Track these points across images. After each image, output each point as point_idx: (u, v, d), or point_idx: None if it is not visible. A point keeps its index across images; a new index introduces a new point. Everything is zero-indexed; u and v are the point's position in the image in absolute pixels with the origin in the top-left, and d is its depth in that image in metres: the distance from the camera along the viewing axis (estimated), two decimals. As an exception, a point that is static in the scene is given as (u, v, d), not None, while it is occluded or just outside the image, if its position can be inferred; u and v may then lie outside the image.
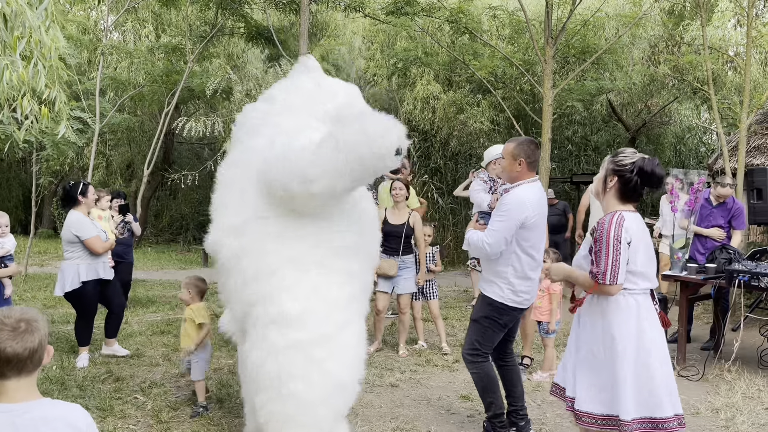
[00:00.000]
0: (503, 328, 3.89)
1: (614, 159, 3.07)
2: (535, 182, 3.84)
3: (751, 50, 9.32)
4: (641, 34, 13.44)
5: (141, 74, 11.37)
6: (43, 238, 17.65)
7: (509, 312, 3.82)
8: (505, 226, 3.65)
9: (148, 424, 4.20)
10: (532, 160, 3.81)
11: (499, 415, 3.94)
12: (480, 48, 12.01)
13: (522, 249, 3.74)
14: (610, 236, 2.91)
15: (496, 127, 14.27)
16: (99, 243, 5.59)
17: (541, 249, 3.86)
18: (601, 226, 2.97)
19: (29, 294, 9.14)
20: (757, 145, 10.30)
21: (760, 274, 5.11)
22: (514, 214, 3.65)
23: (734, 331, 6.38)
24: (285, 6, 10.99)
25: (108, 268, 5.80)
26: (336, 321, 3.36)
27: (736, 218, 6.33)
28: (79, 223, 5.57)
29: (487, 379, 3.91)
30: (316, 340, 3.26)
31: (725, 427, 4.27)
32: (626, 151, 3.10)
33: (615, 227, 2.92)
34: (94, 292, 5.69)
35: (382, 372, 5.43)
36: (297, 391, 3.19)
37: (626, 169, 2.99)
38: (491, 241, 3.67)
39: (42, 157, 10.82)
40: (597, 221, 3.05)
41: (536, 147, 3.86)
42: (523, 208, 3.67)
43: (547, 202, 3.97)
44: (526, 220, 3.67)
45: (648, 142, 15.68)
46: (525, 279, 3.78)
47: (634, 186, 3.00)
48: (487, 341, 3.88)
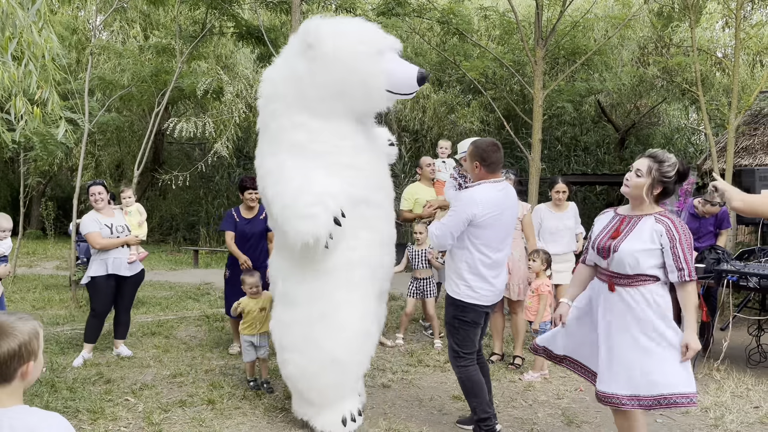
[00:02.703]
0: (474, 326, 3.89)
1: (661, 170, 3.16)
2: (497, 183, 3.85)
3: (739, 52, 9.41)
4: (630, 36, 13.54)
5: (127, 75, 11.31)
6: (32, 239, 17.53)
7: (471, 309, 3.84)
8: (452, 221, 3.76)
9: (139, 426, 4.18)
10: (488, 163, 3.82)
11: (485, 419, 3.90)
12: (470, 49, 12.05)
13: (474, 246, 3.79)
14: (683, 238, 3.12)
15: (487, 127, 14.33)
16: (97, 238, 5.63)
17: (500, 248, 3.85)
18: (680, 225, 3.15)
19: (18, 295, 9.07)
20: (745, 146, 10.39)
21: (748, 274, 5.16)
22: (461, 210, 3.73)
23: (723, 331, 6.42)
24: (276, 6, 10.97)
25: (123, 264, 5.75)
26: (335, 301, 3.78)
27: (722, 221, 6.47)
28: (83, 219, 5.81)
29: (470, 383, 3.91)
30: (313, 317, 3.78)
31: (714, 425, 4.30)
32: (665, 156, 3.20)
33: (686, 230, 3.15)
34: (107, 288, 5.71)
35: (374, 372, 5.44)
36: (295, 360, 3.87)
37: (671, 180, 3.18)
38: (438, 233, 3.82)
39: (30, 158, 10.74)
40: (664, 221, 3.15)
41: (495, 149, 3.83)
42: (471, 205, 3.71)
43: (513, 204, 3.95)
44: (474, 217, 3.70)
45: (637, 142, 15.79)
46: (479, 276, 3.80)
47: (672, 189, 3.24)
48: (464, 341, 3.89)
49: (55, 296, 9.04)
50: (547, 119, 13.30)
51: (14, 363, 1.73)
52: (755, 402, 4.77)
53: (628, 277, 3.20)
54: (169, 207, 18.64)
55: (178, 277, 11.36)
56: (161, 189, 18.01)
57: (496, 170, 3.87)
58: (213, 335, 6.68)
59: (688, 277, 3.11)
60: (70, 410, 4.36)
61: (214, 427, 4.16)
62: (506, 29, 12.96)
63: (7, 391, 1.76)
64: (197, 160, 15.38)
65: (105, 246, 5.66)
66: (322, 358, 3.77)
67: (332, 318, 3.77)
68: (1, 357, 1.72)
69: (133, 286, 6.01)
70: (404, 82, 3.75)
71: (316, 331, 3.77)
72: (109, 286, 5.72)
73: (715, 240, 6.43)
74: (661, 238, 3.14)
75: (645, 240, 3.17)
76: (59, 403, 4.48)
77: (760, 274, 5.11)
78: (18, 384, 1.77)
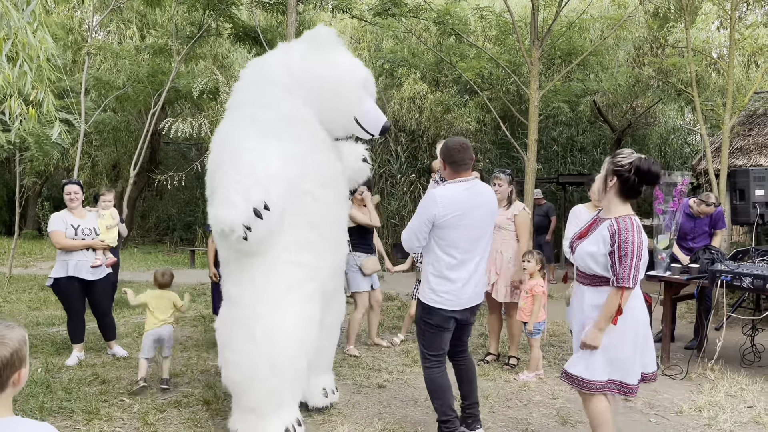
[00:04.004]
0: (440, 330, 3.77)
1: (613, 160, 3.25)
2: (463, 182, 3.74)
3: (734, 52, 9.43)
4: (626, 36, 13.58)
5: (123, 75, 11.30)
6: (28, 239, 17.50)
7: (435, 312, 3.73)
8: (415, 222, 3.72)
9: (134, 426, 4.18)
10: (451, 161, 3.75)
11: (446, 421, 3.84)
12: (467, 49, 12.07)
13: (440, 248, 3.70)
14: (635, 242, 3.09)
15: (483, 127, 14.34)
16: (60, 238, 5.52)
17: (469, 249, 3.71)
18: (625, 231, 3.11)
19: (14, 296, 9.05)
20: (740, 146, 10.42)
21: (742, 274, 5.19)
22: (422, 211, 3.69)
23: (717, 331, 6.44)
24: (272, 6, 10.98)
25: (86, 268, 5.62)
26: (272, 303, 3.67)
27: (717, 222, 6.49)
28: (51, 218, 5.71)
29: (432, 385, 3.86)
30: (249, 319, 3.66)
31: (708, 425, 4.32)
32: (624, 151, 3.28)
33: (638, 234, 3.12)
34: (71, 290, 5.60)
35: (369, 373, 5.45)
36: (233, 362, 3.72)
37: (624, 169, 3.17)
38: (405, 236, 3.79)
39: (26, 158, 10.74)
40: (614, 224, 3.16)
41: (460, 149, 3.75)
42: (431, 205, 3.64)
43: (483, 203, 3.78)
44: (435, 218, 3.63)
45: (633, 142, 15.83)
46: (443, 278, 3.70)
47: (633, 185, 3.18)
48: (430, 344, 3.81)
49: (51, 297, 9.01)
50: (544, 120, 13.32)
51: (7, 371, 1.72)
52: (749, 402, 4.79)
53: (587, 276, 3.32)
54: (165, 207, 18.64)
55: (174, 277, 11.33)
56: (158, 189, 18.02)
57: (462, 169, 3.76)
58: (209, 336, 6.68)
59: (617, 283, 3.14)
60: (65, 411, 4.36)
61: (210, 428, 4.16)
62: (502, 30, 12.99)
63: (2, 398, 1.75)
64: (193, 160, 15.39)
65: (66, 246, 5.54)
66: (258, 361, 3.62)
67: (267, 321, 3.64)
68: None
69: (104, 291, 5.85)
70: (372, 121, 4.01)
71: (251, 333, 3.63)
72: (72, 287, 5.59)
73: (710, 240, 6.46)
74: (606, 242, 3.18)
75: (597, 243, 3.23)
76: (54, 403, 4.48)
77: (753, 274, 5.13)
78: (9, 392, 1.76)
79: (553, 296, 9.28)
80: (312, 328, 3.84)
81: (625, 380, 3.29)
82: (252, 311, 3.66)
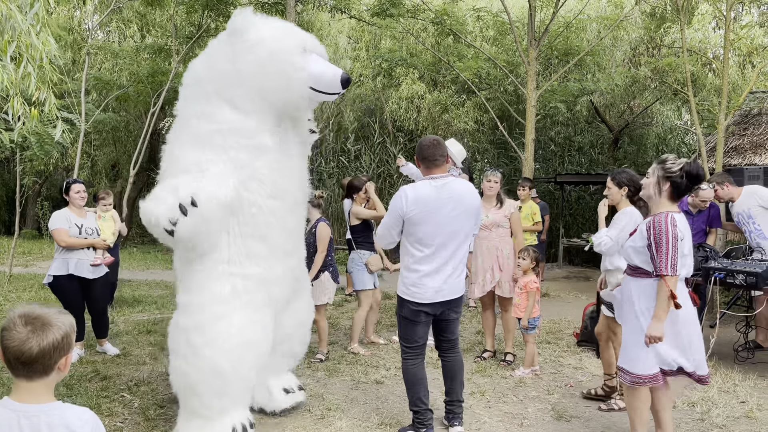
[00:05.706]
0: (411, 323, 3.90)
1: (663, 167, 3.57)
2: (434, 179, 3.84)
3: (729, 52, 9.51)
4: (623, 37, 13.65)
5: (125, 75, 11.36)
6: (27, 238, 17.54)
7: (405, 305, 3.89)
8: (387, 219, 3.90)
9: (135, 421, 4.24)
10: (423, 158, 3.89)
11: (416, 412, 3.97)
12: (464, 49, 12.13)
13: (409, 242, 3.87)
14: (668, 234, 3.41)
15: (481, 127, 14.41)
16: (64, 236, 5.55)
17: (440, 244, 3.80)
18: (658, 226, 3.44)
19: (14, 294, 9.11)
20: (735, 145, 10.49)
21: (735, 271, 5.25)
22: (392, 207, 3.85)
23: (711, 328, 6.51)
24: (271, 7, 11.05)
25: (86, 266, 5.67)
26: (214, 311, 3.66)
27: (714, 220, 6.59)
28: (53, 216, 5.72)
29: (407, 375, 3.99)
30: (194, 324, 3.65)
31: (701, 420, 4.39)
32: (669, 157, 3.62)
33: (671, 227, 3.42)
34: (70, 288, 5.64)
35: (367, 369, 5.51)
36: (179, 367, 3.70)
37: (676, 175, 3.52)
38: (379, 232, 3.96)
39: (26, 157, 10.78)
40: (651, 221, 3.50)
41: (429, 146, 3.85)
42: (398, 202, 3.80)
43: (456, 199, 3.83)
44: (404, 214, 3.78)
45: (631, 142, 15.89)
46: (413, 272, 3.85)
47: (684, 187, 3.55)
48: (406, 336, 3.96)
49: (51, 296, 9.03)
50: (541, 119, 13.40)
51: (56, 355, 1.75)
52: (741, 397, 4.85)
53: (630, 268, 3.69)
54: (164, 207, 18.63)
55: (174, 276, 11.39)
56: (157, 189, 18.01)
57: (433, 166, 3.88)
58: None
59: (657, 271, 3.46)
60: (67, 406, 4.41)
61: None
62: (500, 30, 13.06)
63: (45, 384, 1.78)
64: (193, 160, 15.39)
65: (70, 245, 5.58)
66: (201, 366, 3.61)
67: (211, 327, 3.64)
68: (46, 348, 1.72)
69: (103, 289, 5.92)
70: (329, 80, 3.76)
71: (196, 339, 3.63)
72: (72, 286, 5.63)
73: (705, 238, 6.53)
74: (643, 236, 3.52)
75: (638, 238, 3.58)
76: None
77: (746, 271, 5.19)
78: (54, 377, 1.80)
79: (550, 294, 9.35)
80: (258, 335, 3.80)
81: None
82: (197, 318, 3.66)
